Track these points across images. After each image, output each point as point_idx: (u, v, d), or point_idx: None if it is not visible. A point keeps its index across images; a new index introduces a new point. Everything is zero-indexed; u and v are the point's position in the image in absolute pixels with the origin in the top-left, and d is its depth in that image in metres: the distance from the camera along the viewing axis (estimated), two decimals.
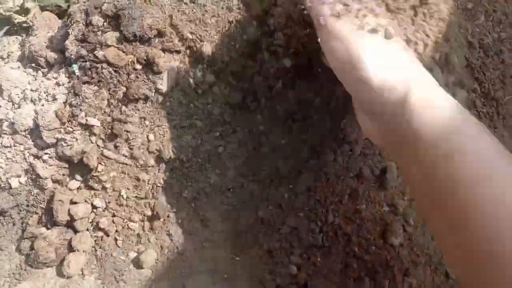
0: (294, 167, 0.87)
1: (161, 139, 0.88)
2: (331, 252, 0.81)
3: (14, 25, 0.98)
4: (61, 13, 1.00)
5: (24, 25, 0.98)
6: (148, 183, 0.89)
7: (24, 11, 0.99)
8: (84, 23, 0.89)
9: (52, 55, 0.92)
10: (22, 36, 1.00)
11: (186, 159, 0.88)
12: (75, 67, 0.86)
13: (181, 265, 0.89)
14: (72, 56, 0.87)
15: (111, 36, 0.84)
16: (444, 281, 0.85)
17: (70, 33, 0.89)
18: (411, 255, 0.82)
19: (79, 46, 0.86)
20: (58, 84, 0.85)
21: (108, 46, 0.83)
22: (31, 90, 0.88)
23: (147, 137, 0.87)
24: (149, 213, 0.89)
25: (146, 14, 0.83)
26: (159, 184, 0.90)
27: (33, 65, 0.92)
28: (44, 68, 0.93)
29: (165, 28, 0.84)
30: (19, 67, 0.94)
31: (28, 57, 0.93)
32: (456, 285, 0.86)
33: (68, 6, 0.98)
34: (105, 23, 0.87)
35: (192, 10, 0.86)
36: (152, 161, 0.88)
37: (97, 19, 0.87)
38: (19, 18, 0.97)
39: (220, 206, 0.90)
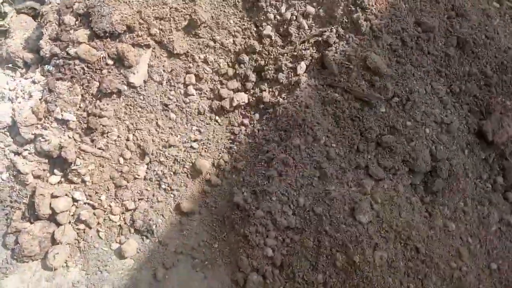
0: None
1: (139, 133, 0.91)
2: (304, 232, 0.84)
3: None
4: (36, 15, 1.03)
5: (2, 28, 1.01)
6: (126, 175, 0.92)
7: (1, 15, 1.03)
8: (57, 23, 0.92)
9: (28, 56, 0.96)
10: (0, 40, 1.03)
11: (164, 151, 0.91)
12: (49, 66, 0.89)
13: (162, 254, 0.92)
14: (47, 55, 0.91)
15: (82, 34, 0.87)
16: (415, 255, 0.87)
17: (44, 33, 0.92)
18: (380, 231, 0.84)
19: (53, 45, 0.90)
20: (34, 82, 0.88)
21: (80, 43, 0.87)
22: (9, 89, 0.91)
23: (127, 130, 0.91)
24: (130, 205, 0.92)
25: (115, 11, 0.86)
26: (137, 176, 0.93)
27: (10, 65, 0.95)
28: (22, 68, 0.97)
29: (134, 23, 0.87)
30: None
31: (5, 59, 0.97)
32: (427, 259, 0.89)
33: None
34: (76, 22, 0.91)
35: (159, 6, 0.89)
36: (129, 154, 0.91)
37: (69, 18, 0.90)
38: None
39: (198, 195, 0.93)
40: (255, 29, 1.07)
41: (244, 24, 1.04)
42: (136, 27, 0.87)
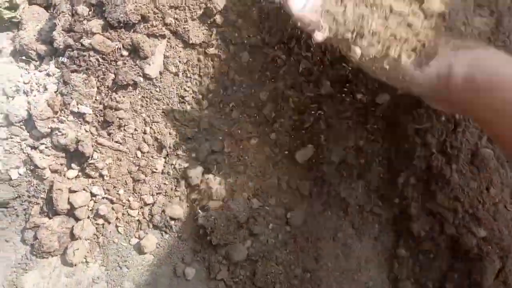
0: None
1: (156, 126, 0.90)
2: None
3: (4, 21, 1.00)
4: (49, 6, 1.01)
5: (14, 20, 1.00)
6: (144, 169, 0.91)
7: (13, 6, 1.01)
8: (70, 13, 0.90)
9: (42, 47, 0.94)
10: (13, 32, 1.02)
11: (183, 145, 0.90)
12: (63, 58, 0.87)
13: (181, 249, 0.90)
14: (61, 47, 0.89)
15: (96, 24, 0.85)
16: None
17: (57, 24, 0.90)
18: None
19: (66, 36, 0.88)
20: (48, 74, 0.87)
21: (94, 33, 0.85)
22: (24, 82, 0.90)
23: (144, 123, 0.89)
24: (148, 199, 0.91)
25: (129, 0, 0.84)
26: (155, 170, 0.91)
27: (23, 58, 0.94)
28: (36, 60, 0.95)
29: (149, 13, 0.85)
30: (11, 61, 0.96)
31: (19, 51, 0.95)
32: None
33: None
34: (90, 12, 0.88)
35: None
36: (146, 147, 0.90)
37: (82, 8, 0.88)
38: (8, 14, 0.99)
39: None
40: None
41: None
42: (151, 16, 0.84)
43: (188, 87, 0.90)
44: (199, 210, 0.87)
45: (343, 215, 0.90)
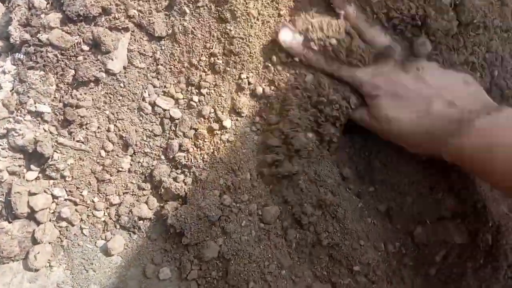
0: None
1: (121, 123, 0.87)
2: None
3: None
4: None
5: None
6: (109, 168, 0.88)
7: None
8: (26, 7, 0.86)
9: None
10: None
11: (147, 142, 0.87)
12: (20, 54, 0.83)
13: (150, 250, 0.88)
14: (17, 42, 0.85)
15: (54, 18, 0.82)
16: None
17: (13, 18, 0.86)
18: None
19: (23, 31, 0.84)
20: (4, 72, 0.83)
21: (52, 28, 0.81)
22: None
23: (108, 120, 0.86)
24: (114, 199, 0.88)
25: None
26: (121, 169, 0.88)
27: None
28: None
29: (110, 5, 0.82)
30: None
31: None
32: None
33: None
34: (47, 5, 0.85)
35: None
36: (111, 146, 0.87)
37: (39, 1, 0.85)
38: None
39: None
40: None
41: None
42: (113, 9, 0.82)
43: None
44: (168, 209, 0.85)
45: None
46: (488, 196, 0.86)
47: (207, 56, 0.85)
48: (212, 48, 0.84)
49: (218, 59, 0.85)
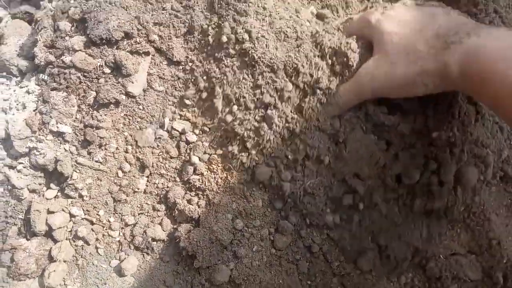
0: None
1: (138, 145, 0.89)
2: None
3: None
4: (32, 20, 1.01)
5: None
6: (126, 189, 0.89)
7: None
8: (52, 29, 0.90)
9: (23, 63, 0.94)
10: None
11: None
12: (44, 75, 0.87)
13: (163, 272, 0.89)
14: (42, 63, 0.88)
15: (78, 41, 0.85)
16: None
17: (38, 39, 0.90)
18: None
19: (47, 53, 0.87)
20: (28, 92, 0.86)
21: (76, 50, 0.84)
22: (3, 100, 0.89)
23: (126, 142, 0.88)
24: (129, 220, 0.90)
25: (112, 16, 0.84)
26: (137, 190, 0.90)
27: (4, 74, 0.93)
28: (17, 76, 0.95)
29: (133, 29, 0.85)
30: None
31: (0, 67, 0.95)
32: None
33: None
34: (72, 28, 0.88)
35: (158, 11, 0.86)
36: (128, 167, 0.89)
37: (64, 24, 0.88)
38: None
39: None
40: None
41: None
42: (135, 33, 0.84)
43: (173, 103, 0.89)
44: (182, 231, 0.86)
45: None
46: (502, 232, 0.85)
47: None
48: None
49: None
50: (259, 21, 0.84)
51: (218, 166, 0.87)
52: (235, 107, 0.84)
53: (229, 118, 0.84)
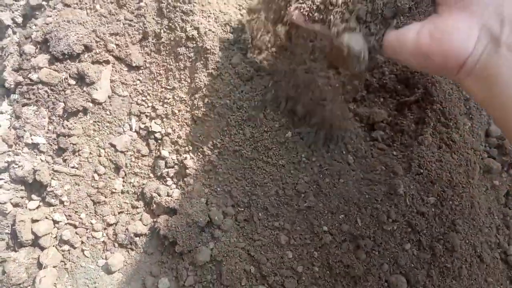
0: None
1: (110, 148, 0.96)
2: None
3: None
4: None
5: None
6: (103, 190, 0.96)
7: None
8: (18, 54, 0.98)
9: None
10: None
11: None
12: (15, 95, 0.94)
13: (148, 263, 0.95)
14: (12, 86, 0.96)
15: (42, 59, 0.93)
16: None
17: (6, 65, 0.98)
18: None
19: (16, 75, 0.95)
20: (1, 112, 0.93)
21: (41, 68, 0.92)
22: None
23: (98, 146, 0.95)
24: (110, 219, 0.96)
25: (71, 33, 0.93)
26: (114, 190, 0.96)
27: None
28: None
29: (91, 42, 0.93)
30: None
31: None
32: None
33: None
34: (36, 50, 0.96)
35: (113, 23, 0.95)
36: (103, 169, 0.95)
37: (29, 48, 0.96)
38: None
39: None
40: None
41: None
42: (93, 45, 0.93)
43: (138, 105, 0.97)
44: (160, 222, 0.92)
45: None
46: None
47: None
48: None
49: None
50: (205, 18, 0.93)
51: (188, 155, 0.94)
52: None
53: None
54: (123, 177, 0.98)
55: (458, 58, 0.57)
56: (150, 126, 0.96)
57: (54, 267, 0.95)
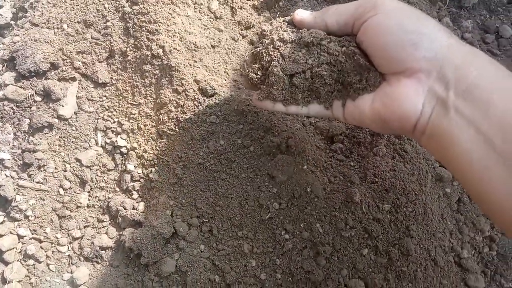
0: None
1: (76, 163, 0.99)
2: None
3: None
4: None
5: None
6: (69, 205, 0.98)
7: None
8: None
9: None
10: None
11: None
12: None
13: (114, 276, 0.97)
14: None
15: (9, 76, 0.96)
16: None
17: None
18: None
19: None
20: None
21: (7, 85, 0.95)
22: None
23: (63, 161, 0.98)
24: (76, 233, 0.98)
25: (37, 51, 0.96)
26: (79, 204, 0.99)
27: None
28: None
29: (58, 60, 0.97)
30: None
31: None
32: None
33: None
34: (3, 68, 0.99)
35: (80, 41, 0.99)
36: (68, 184, 0.98)
37: None
38: None
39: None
40: None
41: None
42: (60, 63, 0.96)
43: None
44: (126, 235, 0.95)
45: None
46: None
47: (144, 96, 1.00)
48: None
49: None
50: (171, 37, 0.99)
51: (153, 169, 0.98)
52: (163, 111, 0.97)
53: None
54: (88, 192, 1.01)
55: (410, 120, 0.64)
56: (116, 141, 1.00)
57: (18, 281, 0.96)
